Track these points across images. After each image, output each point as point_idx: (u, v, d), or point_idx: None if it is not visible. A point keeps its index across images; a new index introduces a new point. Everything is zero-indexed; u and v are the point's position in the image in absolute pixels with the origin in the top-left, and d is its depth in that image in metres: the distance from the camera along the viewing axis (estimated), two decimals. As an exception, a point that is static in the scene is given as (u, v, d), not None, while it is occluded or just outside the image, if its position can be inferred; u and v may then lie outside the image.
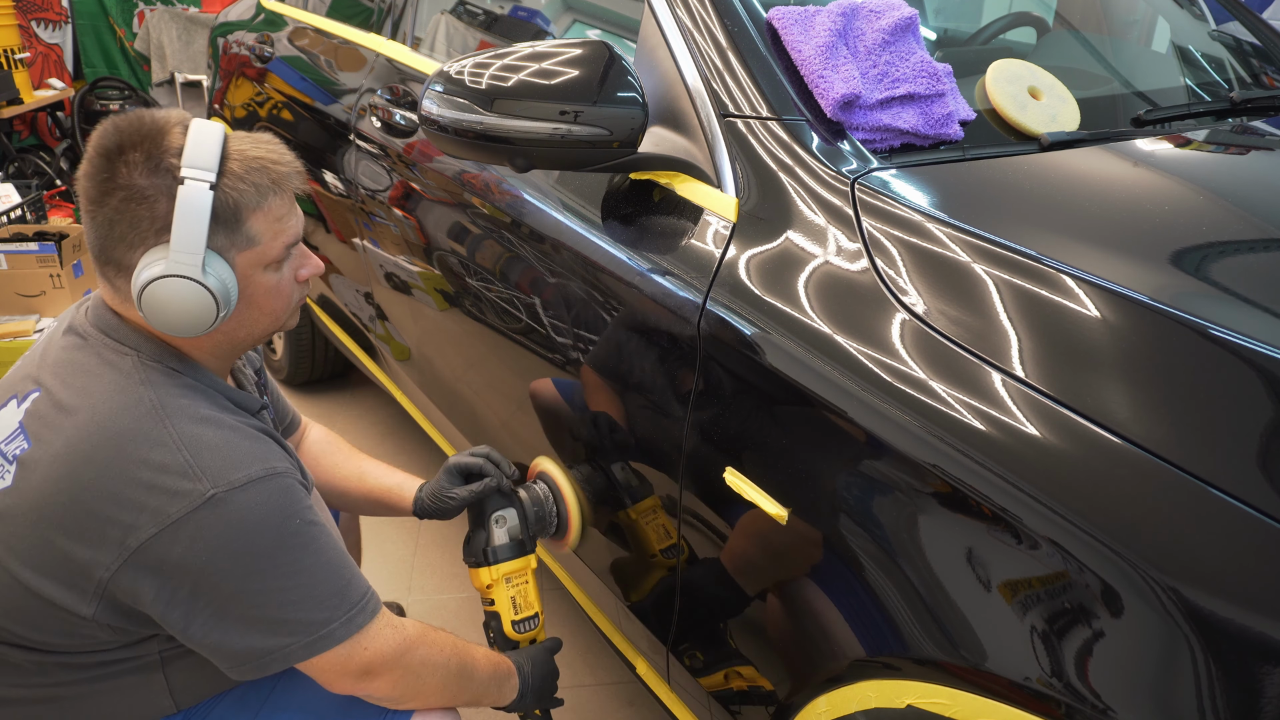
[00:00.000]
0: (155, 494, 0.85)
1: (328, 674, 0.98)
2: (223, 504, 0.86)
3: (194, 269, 0.88)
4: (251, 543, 0.87)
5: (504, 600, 1.30)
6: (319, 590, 0.93)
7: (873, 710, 0.92)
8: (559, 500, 1.33)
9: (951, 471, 0.81)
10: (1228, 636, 0.66)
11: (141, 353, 0.92)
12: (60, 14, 4.64)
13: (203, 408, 0.91)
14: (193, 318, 0.90)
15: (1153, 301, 0.81)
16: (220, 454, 0.88)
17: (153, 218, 0.88)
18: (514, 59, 1.12)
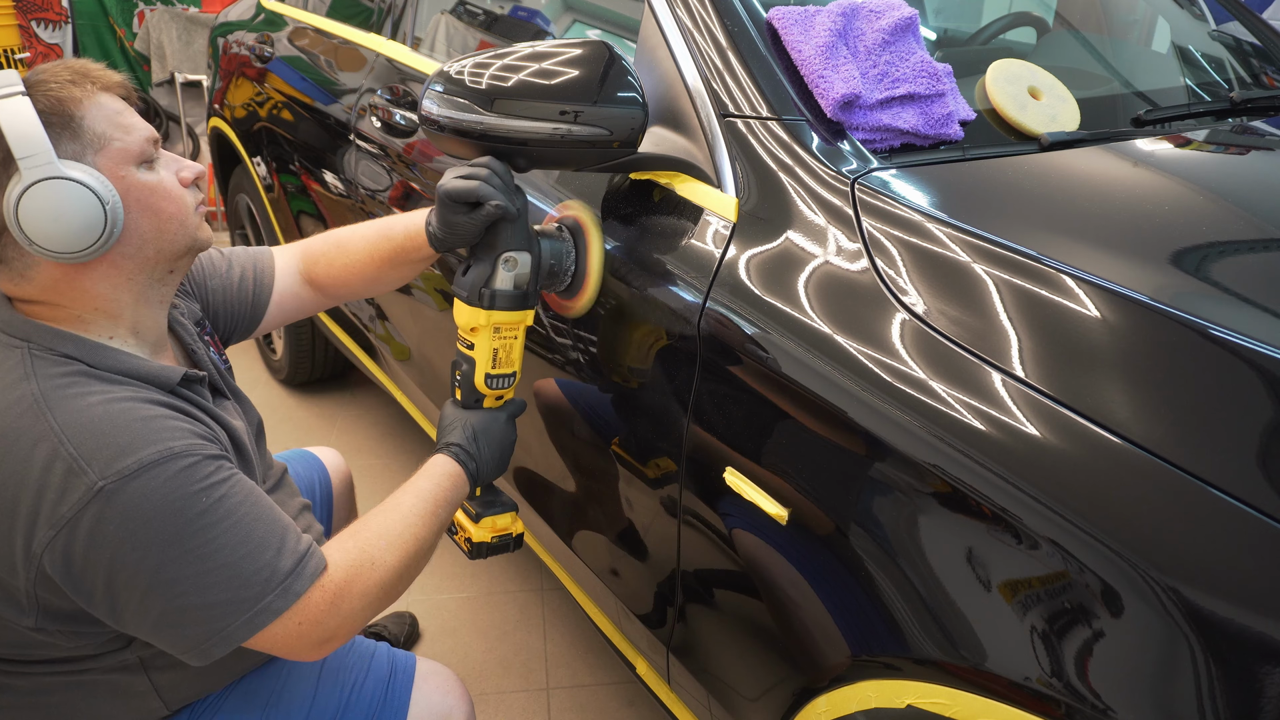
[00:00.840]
0: (45, 495, 0.80)
1: (281, 648, 0.91)
2: (115, 495, 0.80)
3: (49, 168, 0.81)
4: (155, 530, 0.81)
5: (485, 349, 1.17)
6: (244, 566, 0.86)
7: (873, 710, 0.92)
8: (581, 256, 1.19)
9: (951, 471, 0.81)
10: (1228, 636, 0.66)
11: (31, 342, 0.86)
12: (60, 14, 4.64)
13: (92, 393, 0.84)
14: (81, 219, 0.82)
15: (1153, 301, 0.81)
16: (106, 442, 0.81)
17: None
18: (514, 59, 1.12)
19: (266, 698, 1.08)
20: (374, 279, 1.26)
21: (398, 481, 1.06)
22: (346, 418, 2.81)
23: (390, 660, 1.15)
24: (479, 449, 1.14)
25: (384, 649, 1.17)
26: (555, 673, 1.89)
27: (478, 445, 1.14)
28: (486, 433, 1.15)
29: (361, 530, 0.98)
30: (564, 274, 1.19)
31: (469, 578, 2.16)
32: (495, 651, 1.94)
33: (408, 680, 1.13)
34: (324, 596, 0.90)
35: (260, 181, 2.60)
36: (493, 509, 1.23)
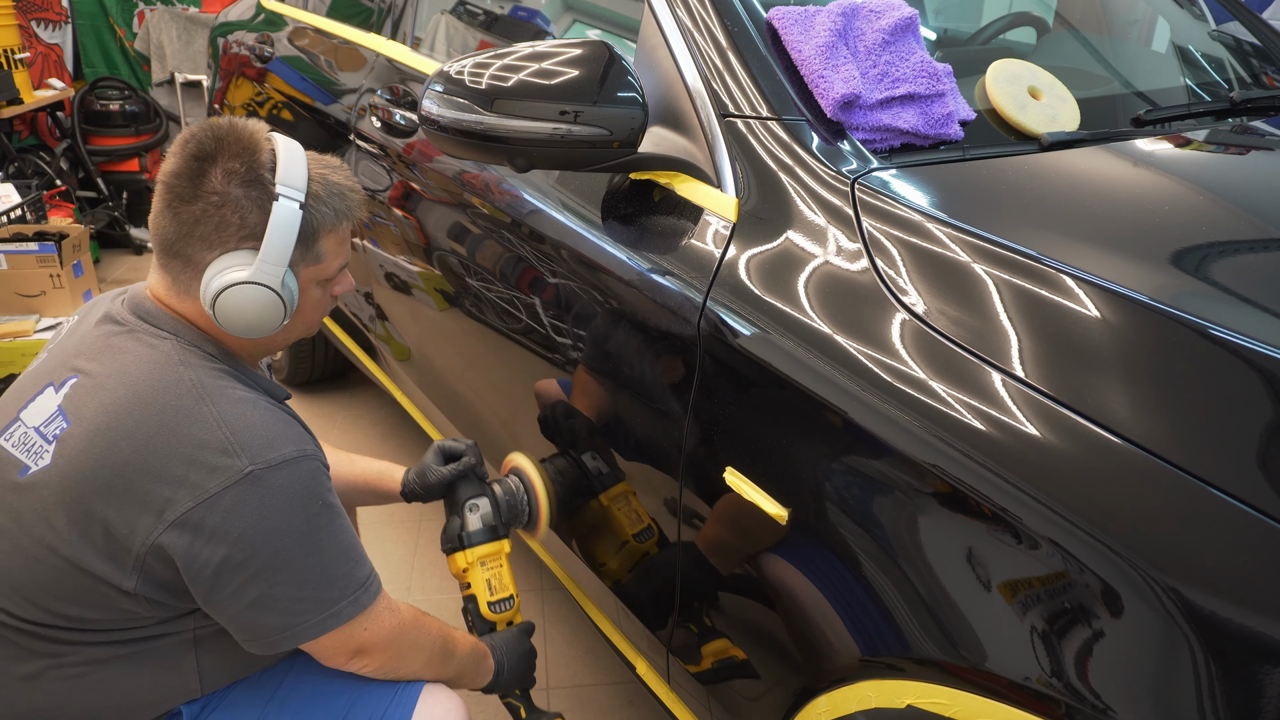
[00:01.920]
0: (195, 468, 0.89)
1: (327, 651, 1.02)
2: (259, 481, 0.89)
3: (276, 280, 0.95)
4: (282, 520, 0.91)
5: (479, 583, 1.34)
6: (333, 570, 0.96)
7: (873, 710, 0.92)
8: (530, 492, 1.39)
9: (951, 471, 0.81)
10: (1228, 636, 0.66)
11: (180, 338, 0.97)
12: (60, 14, 4.64)
13: (239, 390, 0.96)
14: (262, 323, 0.97)
15: (1153, 301, 0.81)
16: (258, 433, 0.91)
17: (240, 224, 0.94)
18: (514, 59, 1.12)
19: (270, 692, 1.10)
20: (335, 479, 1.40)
21: None
22: (346, 418, 2.81)
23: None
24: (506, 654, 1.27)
25: None
26: (555, 673, 1.89)
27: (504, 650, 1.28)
28: (506, 645, 1.29)
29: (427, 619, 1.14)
30: (521, 507, 1.39)
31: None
32: (495, 651, 1.94)
33: (414, 692, 1.14)
34: (391, 619, 1.05)
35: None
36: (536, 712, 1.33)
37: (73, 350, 1.00)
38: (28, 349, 2.82)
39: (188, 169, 0.94)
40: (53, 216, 3.78)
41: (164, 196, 0.95)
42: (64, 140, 4.43)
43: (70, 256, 3.03)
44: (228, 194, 0.93)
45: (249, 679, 1.11)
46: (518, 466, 1.42)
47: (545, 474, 1.39)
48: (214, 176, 0.93)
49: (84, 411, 0.93)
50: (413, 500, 1.40)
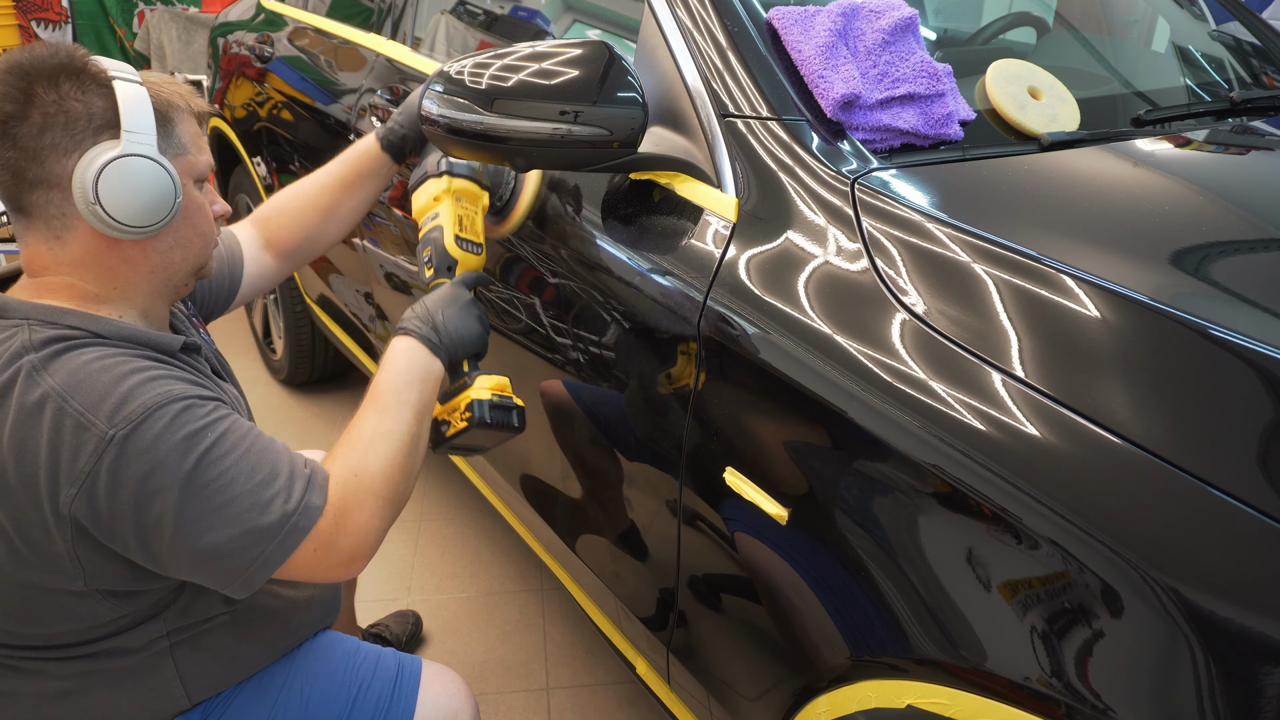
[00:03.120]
0: (60, 454, 0.83)
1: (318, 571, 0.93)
2: (126, 441, 0.83)
3: (150, 148, 0.88)
4: (170, 471, 0.84)
5: (449, 214, 1.19)
6: (261, 494, 0.88)
7: (873, 710, 0.92)
8: (517, 186, 1.29)
9: (951, 471, 0.81)
10: (1228, 636, 0.66)
11: (31, 319, 0.88)
12: (60, 14, 4.64)
13: (86, 353, 0.87)
14: (153, 199, 0.89)
15: (1153, 301, 0.81)
16: (107, 394, 0.84)
17: (89, 115, 0.87)
18: (514, 59, 1.12)
19: (275, 696, 1.08)
20: (330, 211, 1.31)
21: None
22: (346, 418, 2.80)
23: (397, 662, 1.16)
24: (437, 319, 1.10)
25: (390, 652, 1.18)
26: (555, 673, 1.89)
27: (433, 316, 1.10)
28: (441, 302, 1.12)
29: (341, 444, 0.98)
30: (500, 193, 1.26)
31: (469, 578, 2.16)
32: (495, 652, 1.94)
33: (414, 682, 1.14)
34: (326, 522, 0.91)
35: (260, 181, 2.61)
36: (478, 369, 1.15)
37: None
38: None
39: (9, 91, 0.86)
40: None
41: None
42: (64, 140, 4.42)
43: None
44: (61, 94, 0.86)
45: (250, 686, 1.08)
46: None
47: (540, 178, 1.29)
48: (39, 90, 0.86)
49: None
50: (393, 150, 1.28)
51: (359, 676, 1.12)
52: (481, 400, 1.11)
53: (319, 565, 0.92)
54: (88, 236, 0.90)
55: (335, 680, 1.10)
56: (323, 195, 1.32)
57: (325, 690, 1.10)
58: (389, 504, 0.96)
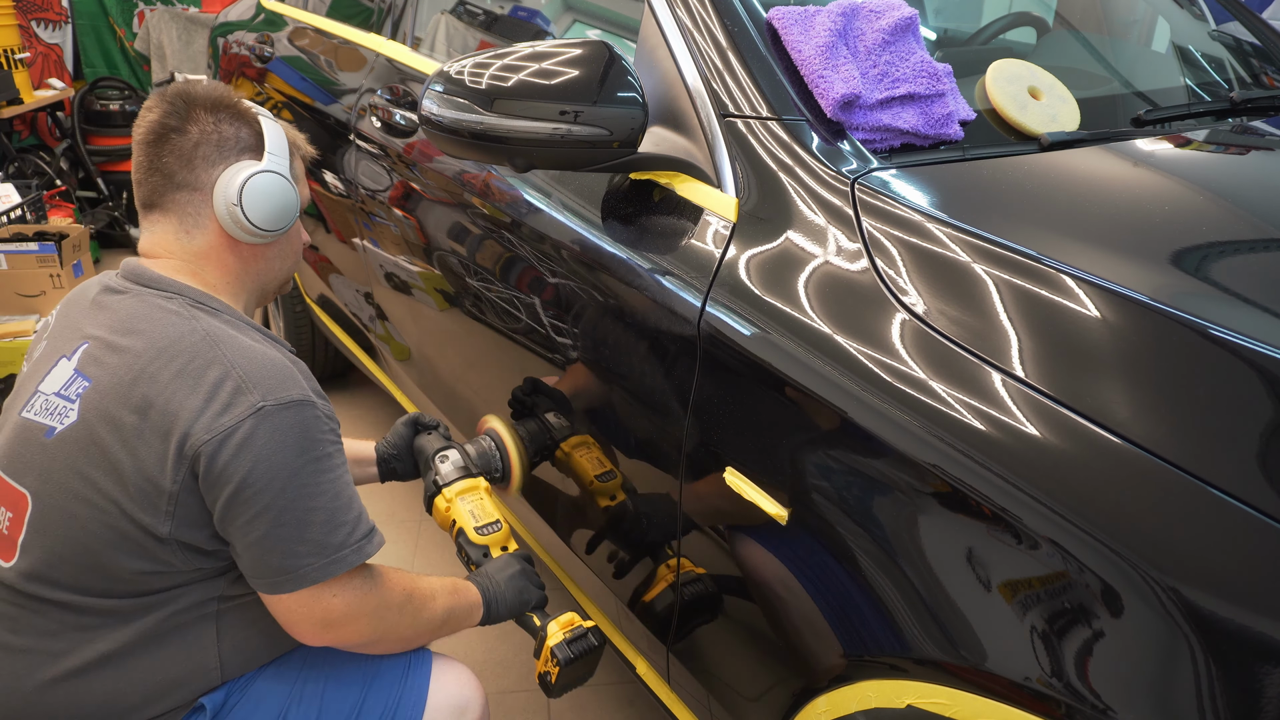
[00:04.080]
0: (210, 406, 0.94)
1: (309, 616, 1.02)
2: (270, 416, 0.95)
3: (285, 168, 1.09)
4: (290, 457, 0.96)
5: (462, 515, 1.35)
6: (338, 517, 1.00)
7: (873, 710, 0.92)
8: (503, 450, 1.44)
9: (951, 471, 0.81)
10: (1228, 636, 0.66)
11: (185, 296, 1.04)
12: (60, 14, 4.64)
13: (248, 337, 1.03)
14: (285, 209, 1.08)
15: (1153, 301, 0.81)
16: (269, 373, 0.98)
17: (238, 139, 1.07)
18: (514, 59, 1.12)
19: (293, 680, 1.13)
20: None
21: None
22: (346, 418, 2.81)
23: (407, 653, 1.20)
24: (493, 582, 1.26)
25: None
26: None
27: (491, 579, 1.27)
28: (499, 570, 1.28)
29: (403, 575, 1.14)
30: (495, 463, 1.44)
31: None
32: (495, 652, 1.94)
33: (425, 672, 1.18)
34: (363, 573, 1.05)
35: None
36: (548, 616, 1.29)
37: (74, 325, 1.06)
38: (27, 349, 2.82)
39: (174, 110, 1.05)
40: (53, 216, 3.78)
41: (154, 140, 1.05)
42: (64, 140, 4.43)
43: (70, 256, 3.03)
44: (217, 121, 1.06)
45: (269, 671, 1.12)
46: (490, 426, 1.47)
47: (516, 432, 1.44)
48: (200, 114, 1.05)
49: (103, 370, 0.98)
50: (388, 476, 1.47)
51: (372, 666, 1.16)
52: (558, 643, 1.25)
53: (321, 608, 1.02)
54: (214, 235, 1.08)
55: (350, 669, 1.15)
56: None
57: (341, 678, 1.14)
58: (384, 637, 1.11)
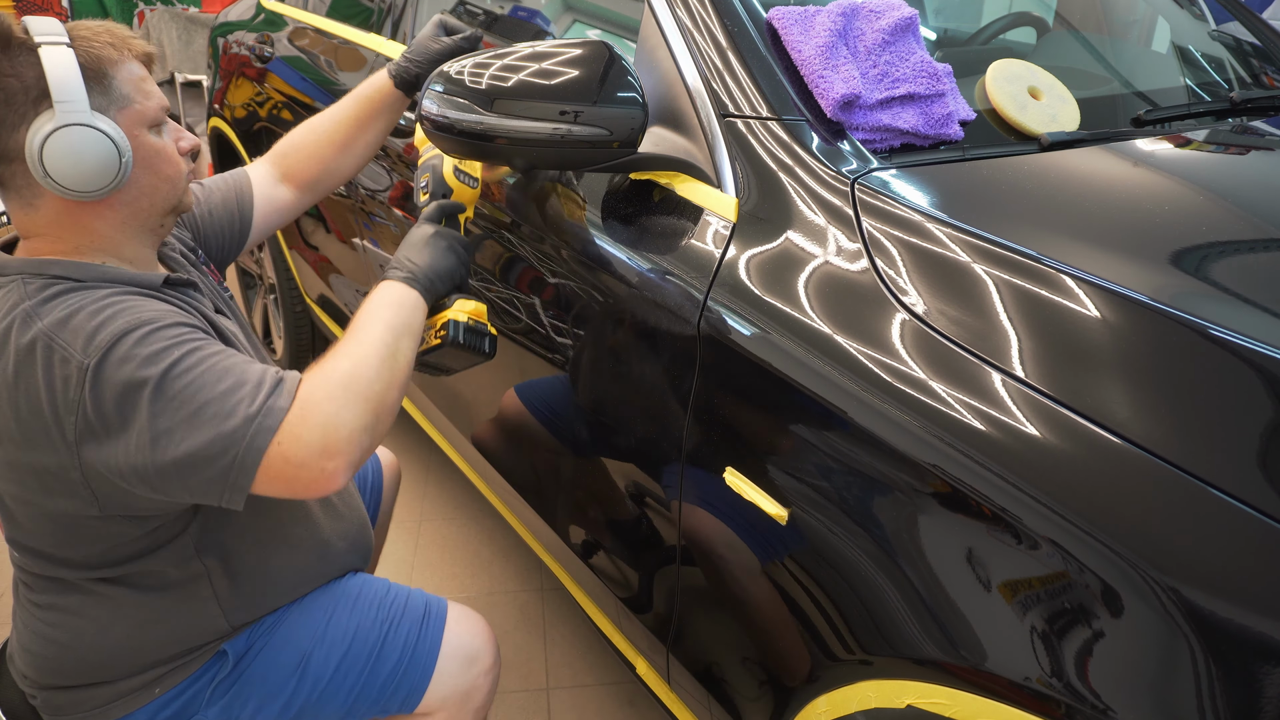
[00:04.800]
0: (54, 388, 0.90)
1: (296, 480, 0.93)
2: (100, 367, 0.89)
3: (83, 115, 0.92)
4: (138, 390, 0.89)
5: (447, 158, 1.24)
6: (226, 401, 0.90)
7: (873, 710, 0.92)
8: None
9: (951, 471, 0.81)
10: (1228, 636, 0.66)
11: (24, 274, 0.95)
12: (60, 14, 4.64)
13: (73, 298, 0.93)
14: (98, 165, 0.93)
15: (1153, 301, 0.81)
16: (84, 328, 0.90)
17: (24, 88, 0.91)
18: (514, 59, 1.12)
19: (313, 629, 1.16)
20: (346, 145, 1.39)
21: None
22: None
23: (424, 602, 1.25)
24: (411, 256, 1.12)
25: (418, 592, 1.26)
26: (555, 673, 1.89)
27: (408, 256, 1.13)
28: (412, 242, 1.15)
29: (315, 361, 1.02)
30: None
31: (469, 577, 2.16)
32: (495, 651, 1.94)
33: (441, 620, 1.23)
34: (293, 416, 0.92)
35: (260, 181, 2.60)
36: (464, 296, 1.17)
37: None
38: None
39: None
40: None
41: None
42: (64, 140, 4.42)
43: (70, 256, 3.02)
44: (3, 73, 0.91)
45: (292, 615, 1.16)
46: None
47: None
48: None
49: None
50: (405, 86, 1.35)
51: (391, 612, 1.20)
52: (457, 321, 1.14)
53: (295, 466, 0.91)
54: (55, 201, 0.96)
55: (371, 614, 1.19)
56: (338, 130, 1.38)
57: (362, 622, 1.18)
58: (361, 399, 0.95)
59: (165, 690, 1.08)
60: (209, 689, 1.10)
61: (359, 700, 1.16)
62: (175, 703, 1.09)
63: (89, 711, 1.07)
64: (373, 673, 1.17)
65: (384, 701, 1.18)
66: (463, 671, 1.21)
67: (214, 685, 1.10)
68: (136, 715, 1.08)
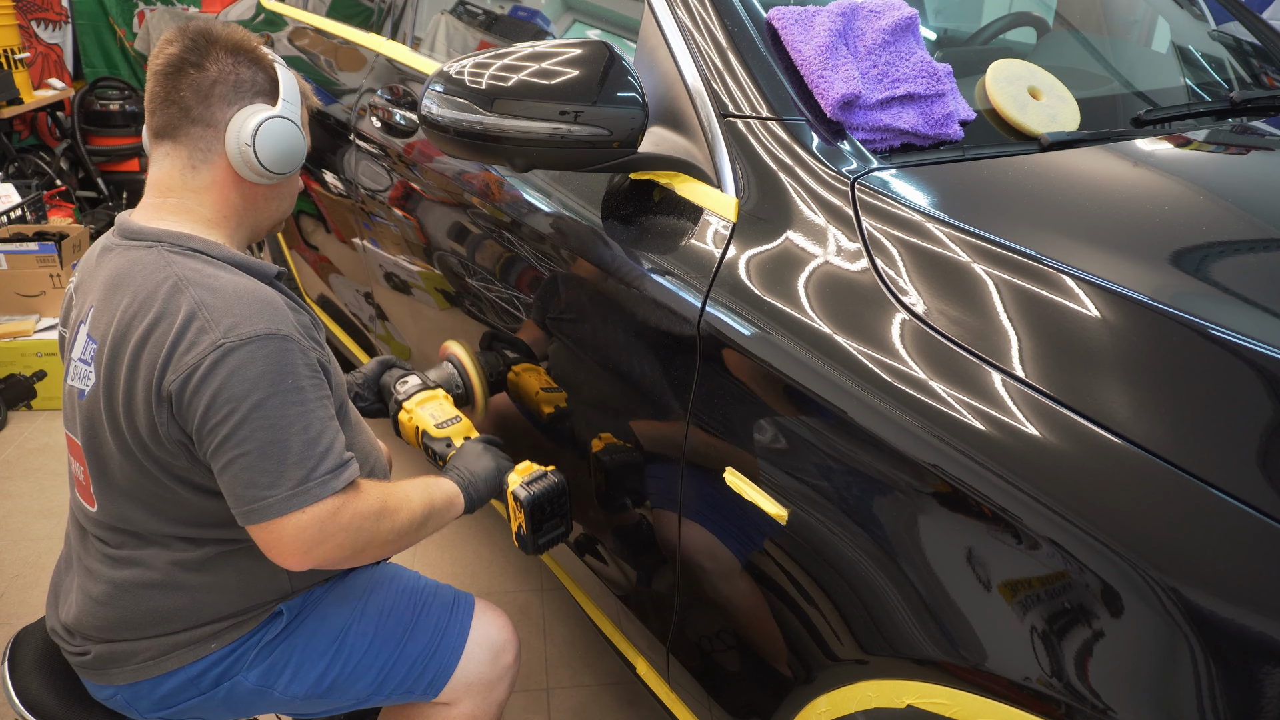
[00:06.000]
0: (179, 346, 0.98)
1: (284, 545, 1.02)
2: (231, 353, 0.97)
3: (297, 114, 1.12)
4: (248, 390, 0.98)
5: (423, 417, 1.40)
6: (309, 449, 1.01)
7: (873, 710, 0.92)
8: (461, 370, 1.50)
9: (951, 471, 0.81)
10: (1228, 636, 0.66)
11: (163, 243, 1.06)
12: (60, 14, 4.64)
13: (221, 275, 1.04)
14: (291, 155, 1.11)
15: (1153, 301, 0.81)
16: (231, 311, 1.00)
17: (254, 82, 1.10)
18: (514, 59, 1.12)
19: (353, 604, 1.22)
20: None
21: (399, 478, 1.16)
22: (346, 418, 2.80)
23: (453, 593, 1.31)
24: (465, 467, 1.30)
25: (448, 586, 1.32)
26: (555, 673, 1.89)
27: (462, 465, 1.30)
28: (468, 455, 1.32)
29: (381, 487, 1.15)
30: (455, 386, 1.50)
31: (469, 577, 2.16)
32: (495, 651, 1.94)
33: (468, 611, 1.29)
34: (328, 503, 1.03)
35: (260, 181, 2.60)
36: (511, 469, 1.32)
37: (84, 289, 1.12)
38: (27, 349, 2.82)
39: (195, 46, 1.07)
40: (53, 216, 3.78)
41: (171, 72, 1.07)
42: (64, 140, 4.43)
43: (70, 256, 3.03)
44: (235, 64, 1.09)
45: (335, 593, 1.22)
46: (450, 352, 1.52)
47: (475, 355, 1.51)
48: (220, 54, 1.08)
49: (101, 329, 1.04)
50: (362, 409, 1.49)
51: (423, 597, 1.27)
52: (516, 490, 1.28)
53: (289, 538, 1.01)
54: (221, 171, 1.10)
55: (404, 598, 1.25)
56: None
57: (396, 603, 1.24)
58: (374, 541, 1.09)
59: (221, 646, 1.13)
60: (255, 650, 1.15)
61: (387, 678, 1.20)
62: (224, 661, 1.14)
63: (143, 663, 1.11)
64: (403, 652, 1.21)
65: (410, 682, 1.22)
66: (490, 662, 1.26)
67: (260, 647, 1.15)
68: (187, 670, 1.12)
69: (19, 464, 2.60)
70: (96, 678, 1.13)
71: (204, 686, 1.13)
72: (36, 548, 2.23)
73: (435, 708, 1.26)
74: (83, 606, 1.12)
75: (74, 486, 1.15)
